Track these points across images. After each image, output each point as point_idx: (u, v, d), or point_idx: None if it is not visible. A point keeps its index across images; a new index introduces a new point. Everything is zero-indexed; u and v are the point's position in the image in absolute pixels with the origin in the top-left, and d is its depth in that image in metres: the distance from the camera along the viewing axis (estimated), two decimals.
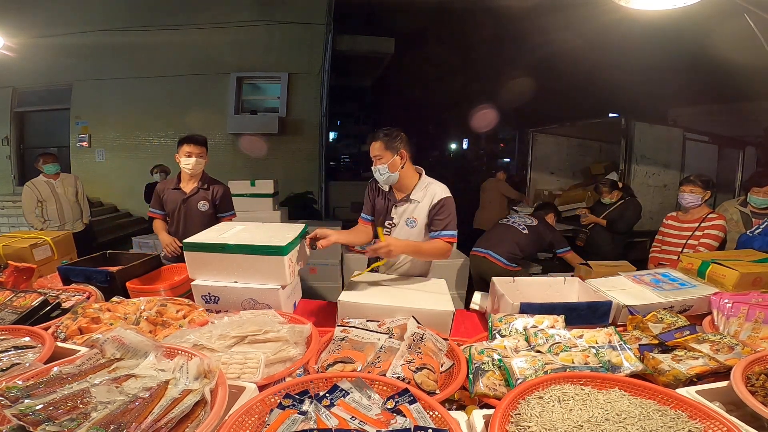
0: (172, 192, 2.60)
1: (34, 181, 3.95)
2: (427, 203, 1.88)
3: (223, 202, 2.65)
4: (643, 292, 1.63)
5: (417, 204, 1.90)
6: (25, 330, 1.21)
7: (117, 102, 7.02)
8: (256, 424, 0.84)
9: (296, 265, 1.71)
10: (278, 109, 7.19)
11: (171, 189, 2.60)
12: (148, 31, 6.60)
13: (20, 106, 7.33)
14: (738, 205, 2.81)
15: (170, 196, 2.60)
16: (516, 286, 1.77)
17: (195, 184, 2.59)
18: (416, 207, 1.90)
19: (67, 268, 1.86)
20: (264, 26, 6.82)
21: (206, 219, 2.56)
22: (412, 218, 1.91)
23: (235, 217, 2.73)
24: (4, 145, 7.32)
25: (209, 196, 2.60)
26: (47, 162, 3.93)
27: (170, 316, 1.36)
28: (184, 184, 2.60)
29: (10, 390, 0.78)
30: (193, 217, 2.57)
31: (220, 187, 2.67)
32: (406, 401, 0.86)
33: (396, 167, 1.87)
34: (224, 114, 7.09)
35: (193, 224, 2.50)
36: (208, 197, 2.60)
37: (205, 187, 2.61)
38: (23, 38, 4.21)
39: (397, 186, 1.95)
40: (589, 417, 0.80)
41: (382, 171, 1.87)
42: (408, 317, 1.31)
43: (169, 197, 2.60)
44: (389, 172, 1.86)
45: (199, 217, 2.57)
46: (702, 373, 1.05)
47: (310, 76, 7.08)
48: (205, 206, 2.58)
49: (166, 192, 2.60)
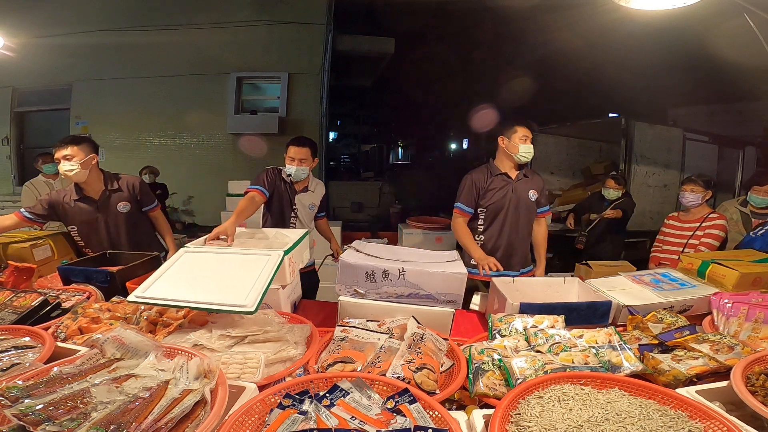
0: (77, 204, 2.23)
1: (33, 181, 3.96)
2: (320, 192, 2.51)
3: (145, 195, 2.42)
4: (643, 292, 1.63)
5: (311, 193, 2.44)
6: (25, 330, 1.21)
7: (117, 102, 7.01)
8: (256, 424, 0.84)
9: (297, 265, 1.71)
10: (278, 109, 7.18)
11: (71, 200, 2.23)
12: (148, 31, 6.60)
13: (20, 106, 7.33)
14: (738, 205, 2.82)
15: (76, 209, 2.23)
16: (516, 286, 1.77)
17: (101, 186, 2.28)
18: (312, 195, 2.45)
19: (67, 268, 1.86)
20: (264, 26, 6.82)
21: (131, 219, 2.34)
22: (312, 204, 2.44)
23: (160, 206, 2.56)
24: (4, 145, 7.32)
25: (125, 195, 2.33)
26: (46, 162, 3.93)
27: (170, 316, 1.36)
28: (88, 190, 2.26)
29: (11, 390, 0.78)
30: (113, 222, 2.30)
31: (133, 179, 2.40)
32: (406, 401, 0.86)
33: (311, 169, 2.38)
34: (224, 114, 7.08)
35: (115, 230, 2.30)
36: (125, 196, 2.33)
37: (114, 187, 2.31)
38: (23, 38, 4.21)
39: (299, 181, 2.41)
40: (589, 417, 0.80)
41: (304, 171, 2.32)
42: (408, 317, 1.31)
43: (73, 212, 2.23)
44: (308, 172, 2.35)
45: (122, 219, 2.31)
46: (702, 373, 1.05)
47: (310, 76, 7.08)
48: (126, 207, 2.32)
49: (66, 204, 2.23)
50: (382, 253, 1.61)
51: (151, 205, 2.48)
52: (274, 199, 2.36)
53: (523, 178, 2.31)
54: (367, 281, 1.45)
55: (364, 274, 1.45)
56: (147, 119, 7.11)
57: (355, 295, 1.47)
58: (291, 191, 2.38)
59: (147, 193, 2.46)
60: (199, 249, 1.58)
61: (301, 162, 2.29)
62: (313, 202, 2.47)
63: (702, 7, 1.64)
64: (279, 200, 2.36)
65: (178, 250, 1.53)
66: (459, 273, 1.42)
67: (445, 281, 1.42)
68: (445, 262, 1.56)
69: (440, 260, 1.58)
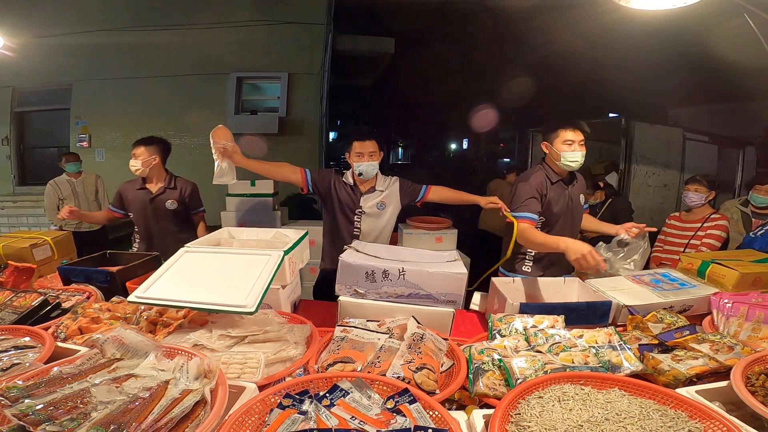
0: (137, 192, 2.57)
1: (56, 180, 4.12)
2: (394, 188, 2.24)
3: (193, 199, 2.67)
4: (643, 292, 1.63)
5: (381, 192, 2.21)
6: (25, 330, 1.21)
7: (117, 102, 7.01)
8: (256, 424, 0.84)
9: (297, 265, 1.71)
10: (278, 109, 7.18)
11: (136, 189, 2.58)
12: (148, 31, 6.59)
13: (20, 106, 7.32)
14: (739, 205, 2.82)
15: (135, 196, 2.57)
16: (516, 286, 1.77)
17: (161, 183, 2.59)
18: (381, 195, 2.21)
19: (67, 268, 1.86)
20: (264, 26, 6.81)
21: (177, 217, 2.61)
22: (381, 202, 2.20)
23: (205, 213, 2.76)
24: (4, 145, 7.31)
25: (176, 194, 2.60)
26: (69, 161, 4.12)
27: (170, 316, 1.36)
28: (149, 183, 2.60)
29: (10, 390, 0.78)
30: (161, 216, 2.59)
31: (188, 184, 2.68)
32: (406, 401, 0.86)
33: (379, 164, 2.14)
34: (224, 114, 7.07)
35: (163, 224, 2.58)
36: (176, 196, 2.60)
37: (171, 185, 2.61)
38: (23, 38, 4.20)
39: (364, 180, 2.19)
40: (589, 417, 0.80)
41: (375, 166, 2.11)
42: (408, 317, 1.31)
43: (133, 197, 2.57)
44: (378, 168, 2.13)
45: (169, 215, 2.59)
46: (702, 373, 1.05)
47: (310, 76, 7.07)
48: (174, 205, 2.59)
49: (129, 192, 2.58)
50: (382, 253, 1.61)
51: (197, 210, 2.74)
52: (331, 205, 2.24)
53: (575, 182, 2.14)
54: (367, 281, 1.45)
55: (364, 274, 1.45)
56: (147, 119, 7.10)
57: (355, 295, 1.47)
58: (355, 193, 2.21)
59: (196, 197, 2.72)
60: (200, 249, 1.58)
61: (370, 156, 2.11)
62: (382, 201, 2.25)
63: (702, 7, 1.64)
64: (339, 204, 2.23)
65: (179, 250, 1.53)
66: (459, 273, 1.42)
67: (445, 281, 1.42)
68: (445, 262, 1.56)
69: (440, 260, 1.58)
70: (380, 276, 1.44)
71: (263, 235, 1.94)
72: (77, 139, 7.21)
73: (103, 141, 7.17)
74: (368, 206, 2.20)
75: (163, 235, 2.60)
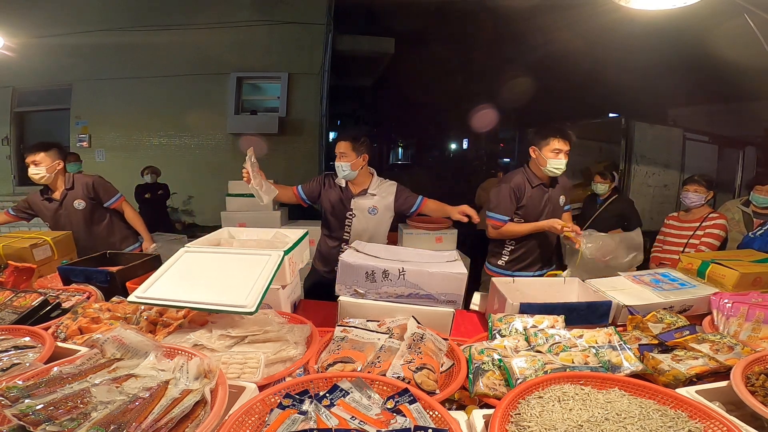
0: (44, 203, 2.56)
1: None
2: (389, 195, 2.26)
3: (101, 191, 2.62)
4: (643, 292, 1.63)
5: (374, 197, 2.23)
6: (25, 330, 1.21)
7: (117, 102, 7.01)
8: (256, 424, 0.84)
9: (297, 265, 1.71)
10: (278, 109, 7.18)
11: (41, 200, 2.56)
12: (148, 31, 6.59)
13: (20, 106, 7.32)
14: (740, 205, 2.82)
15: (43, 207, 2.56)
16: (516, 286, 1.77)
17: (62, 187, 2.55)
18: (374, 199, 2.23)
19: (67, 268, 1.86)
20: (264, 26, 6.81)
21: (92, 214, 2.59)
22: (373, 207, 2.23)
23: (124, 198, 2.72)
24: (4, 145, 7.32)
25: (81, 192, 2.57)
26: (69, 161, 4.08)
27: (170, 316, 1.36)
28: (54, 191, 2.56)
29: (11, 390, 0.78)
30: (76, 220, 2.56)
31: (89, 178, 2.63)
32: (406, 401, 0.86)
33: (357, 167, 2.15)
34: (224, 114, 7.08)
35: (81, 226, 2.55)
36: (80, 194, 2.57)
37: (70, 186, 2.56)
38: (23, 38, 4.21)
39: (354, 182, 2.23)
40: (589, 417, 0.80)
41: (344, 168, 2.13)
42: (408, 317, 1.31)
43: (44, 208, 2.56)
44: (350, 169, 2.13)
45: (83, 216, 2.57)
46: (702, 373, 1.05)
47: (310, 76, 7.07)
48: (81, 204, 2.56)
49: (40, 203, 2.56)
50: (382, 253, 1.61)
51: (112, 200, 2.66)
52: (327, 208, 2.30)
53: (555, 184, 2.27)
54: (367, 281, 1.45)
55: (364, 274, 1.45)
56: (147, 119, 7.11)
57: (355, 295, 1.47)
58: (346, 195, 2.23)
59: (105, 189, 2.65)
60: (199, 249, 1.58)
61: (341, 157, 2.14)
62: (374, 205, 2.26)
63: (702, 7, 1.64)
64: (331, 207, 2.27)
65: (179, 250, 1.52)
66: (459, 273, 1.42)
67: (445, 281, 1.42)
68: (445, 262, 1.56)
69: (440, 260, 1.58)
70: (380, 276, 1.44)
71: (263, 235, 1.94)
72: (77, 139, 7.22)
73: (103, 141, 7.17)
74: (359, 209, 2.23)
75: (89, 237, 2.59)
